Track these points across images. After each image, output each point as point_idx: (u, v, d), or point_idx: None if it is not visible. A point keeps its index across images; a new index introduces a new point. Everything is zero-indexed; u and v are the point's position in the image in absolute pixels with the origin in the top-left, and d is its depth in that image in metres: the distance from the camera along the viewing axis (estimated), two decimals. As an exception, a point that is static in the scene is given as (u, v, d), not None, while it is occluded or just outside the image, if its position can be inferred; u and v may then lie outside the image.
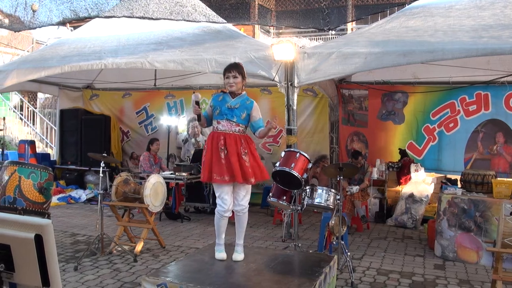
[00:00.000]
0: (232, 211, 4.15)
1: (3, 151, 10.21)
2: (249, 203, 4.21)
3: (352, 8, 17.52)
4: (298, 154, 4.88)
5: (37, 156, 10.67)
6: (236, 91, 4.04)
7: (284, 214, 6.51)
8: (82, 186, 10.55)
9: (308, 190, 5.43)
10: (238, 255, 4.14)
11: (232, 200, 4.04)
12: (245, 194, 4.12)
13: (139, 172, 8.83)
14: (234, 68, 4.04)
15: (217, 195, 4.05)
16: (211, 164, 3.94)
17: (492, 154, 8.09)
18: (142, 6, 6.79)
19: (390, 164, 8.46)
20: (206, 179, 4.03)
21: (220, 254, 4.13)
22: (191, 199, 8.65)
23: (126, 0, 7.02)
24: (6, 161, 5.23)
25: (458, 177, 6.80)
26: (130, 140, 11.08)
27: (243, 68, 4.13)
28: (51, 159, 11.36)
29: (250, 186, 4.13)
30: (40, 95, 16.28)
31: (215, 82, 9.84)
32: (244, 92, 4.12)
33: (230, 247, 4.25)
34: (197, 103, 3.99)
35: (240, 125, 4.01)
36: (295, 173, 4.69)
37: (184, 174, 8.05)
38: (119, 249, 5.67)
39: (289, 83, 6.09)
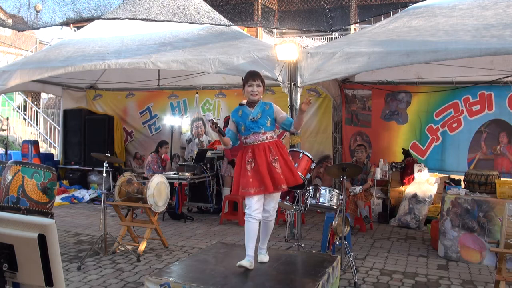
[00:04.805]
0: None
1: (6, 151, 10.22)
2: None
3: (356, 9, 17.51)
4: (301, 154, 4.89)
5: (41, 156, 10.69)
6: (257, 100, 3.99)
7: (287, 214, 6.50)
8: (86, 186, 10.57)
9: (311, 190, 5.43)
10: (264, 257, 4.13)
11: (259, 207, 3.94)
12: (272, 202, 4.07)
13: (142, 172, 8.83)
14: (258, 77, 3.98)
15: (245, 202, 4.05)
16: (238, 177, 3.96)
17: (495, 154, 8.07)
18: (145, 8, 6.80)
19: (393, 164, 8.44)
20: (234, 192, 4.12)
21: (243, 260, 3.89)
22: (194, 199, 8.68)
23: (129, 2, 7.01)
24: (10, 161, 5.26)
25: (462, 177, 6.78)
26: (133, 140, 11.09)
27: None
28: (55, 159, 11.40)
29: (278, 194, 4.10)
30: (43, 95, 16.33)
31: (218, 82, 9.87)
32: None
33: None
34: (213, 123, 3.83)
35: (268, 132, 3.96)
36: (299, 173, 4.68)
37: (187, 174, 8.06)
38: (122, 249, 5.67)
39: (292, 83, 6.09)
